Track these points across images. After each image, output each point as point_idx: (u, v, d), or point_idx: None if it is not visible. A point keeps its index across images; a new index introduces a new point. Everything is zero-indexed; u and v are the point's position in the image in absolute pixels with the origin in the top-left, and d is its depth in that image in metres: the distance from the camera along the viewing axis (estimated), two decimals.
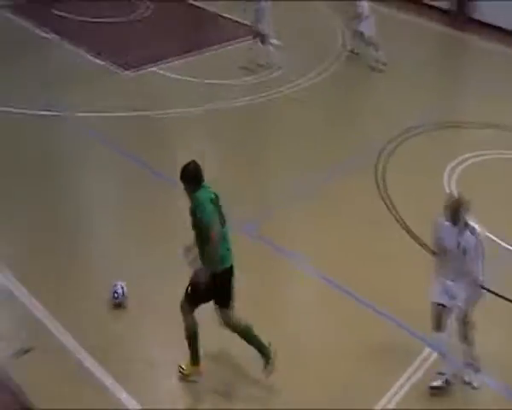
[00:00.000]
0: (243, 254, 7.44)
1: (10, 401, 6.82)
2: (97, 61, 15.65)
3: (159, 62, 15.57)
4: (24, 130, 12.53)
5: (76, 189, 10.98)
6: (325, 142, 12.84)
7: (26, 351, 7.51)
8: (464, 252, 6.85)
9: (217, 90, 14.56)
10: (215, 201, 6.88)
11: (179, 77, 15.02)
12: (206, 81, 14.81)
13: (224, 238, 6.90)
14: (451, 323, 7.13)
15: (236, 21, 18.57)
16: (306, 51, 16.86)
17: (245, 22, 18.13)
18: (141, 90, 14.41)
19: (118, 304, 8.31)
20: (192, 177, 6.86)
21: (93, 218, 10.36)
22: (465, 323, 7.13)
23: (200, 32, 18.94)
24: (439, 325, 7.10)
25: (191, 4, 20.08)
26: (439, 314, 7.07)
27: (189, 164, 6.93)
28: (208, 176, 6.96)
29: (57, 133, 12.62)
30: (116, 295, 8.28)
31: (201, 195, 6.81)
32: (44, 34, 16.82)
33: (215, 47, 16.85)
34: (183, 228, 7.68)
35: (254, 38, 15.46)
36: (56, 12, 18.35)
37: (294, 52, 16.63)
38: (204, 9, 19.74)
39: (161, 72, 15.23)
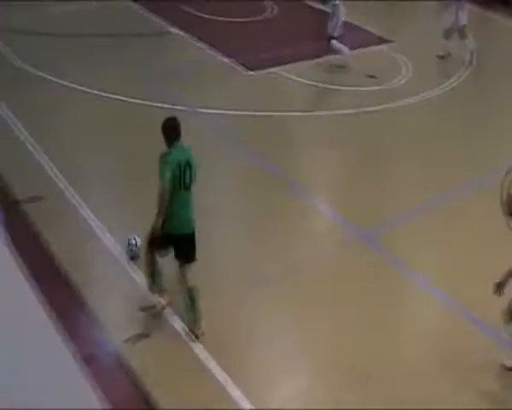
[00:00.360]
0: (359, 260, 7.27)
1: (127, 387, 6.89)
2: (223, 59, 15.78)
3: (283, 64, 15.54)
4: (150, 124, 12.67)
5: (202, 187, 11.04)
6: (451, 157, 12.44)
7: (142, 336, 7.61)
8: None
9: (340, 95, 14.45)
10: (183, 163, 7.34)
11: (303, 80, 14.96)
12: (331, 86, 14.69)
13: (184, 205, 7.41)
14: None
15: (364, 29, 18.38)
16: (435, 62, 16.48)
17: (371, 30, 18.04)
18: (264, 91, 14.44)
19: (132, 256, 8.80)
20: (166, 130, 7.50)
21: (219, 220, 10.35)
22: None
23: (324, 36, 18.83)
24: None
25: (318, 8, 19.96)
26: None
27: (169, 118, 7.62)
28: (331, 180, 6.82)
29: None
30: (131, 247, 8.81)
31: (171, 155, 7.41)
32: (170, 29, 17.05)
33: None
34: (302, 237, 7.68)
35: None
36: (184, 8, 18.63)
37: (423, 62, 16.33)
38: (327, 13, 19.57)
39: (285, 74, 15.19)
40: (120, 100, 13.38)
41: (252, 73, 15.16)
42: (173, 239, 7.49)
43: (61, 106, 13.20)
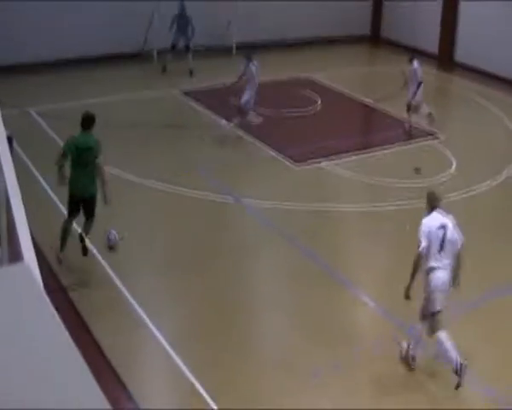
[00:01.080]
0: None
1: None
2: (271, 152, 16.04)
3: (328, 157, 15.76)
4: (194, 212, 12.92)
5: (243, 277, 11.14)
6: (496, 252, 12.37)
7: None
8: None
9: (385, 190, 14.51)
10: (82, 146, 10.49)
11: (348, 173, 15.10)
12: (375, 180, 14.79)
13: (82, 176, 10.49)
14: None
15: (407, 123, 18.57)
16: (480, 156, 16.53)
17: (419, 124, 18.23)
18: (311, 184, 14.63)
19: (111, 247, 11.16)
20: (81, 120, 10.63)
21: (269, 313, 10.39)
22: None
23: (369, 130, 19.13)
24: None
25: (361, 102, 20.30)
26: None
27: (85, 112, 10.88)
28: (379, 274, 6.81)
29: (226, 219, 12.92)
30: (109, 241, 11.13)
31: (73, 138, 10.71)
32: (220, 122, 17.41)
33: (385, 146, 16.85)
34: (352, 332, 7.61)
35: None
36: (233, 101, 19.04)
37: (468, 156, 16.40)
38: (373, 108, 19.92)
39: (330, 167, 15.37)
40: (171, 190, 13.64)
41: (299, 166, 15.36)
42: (77, 200, 10.65)
43: (111, 194, 13.46)
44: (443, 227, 8.76)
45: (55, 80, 20.00)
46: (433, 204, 9.06)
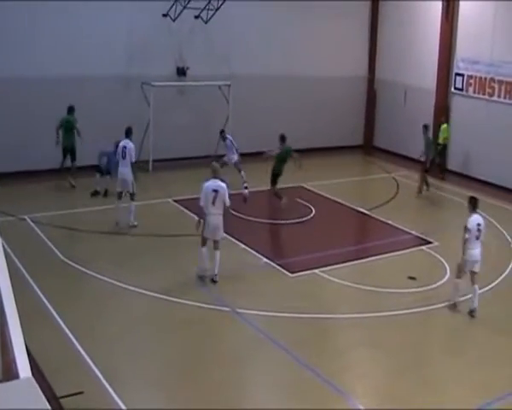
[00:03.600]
0: None
1: None
2: (265, 260, 16.06)
3: (322, 266, 15.78)
4: (188, 322, 12.79)
5: (237, 388, 10.97)
6: (496, 356, 12.30)
7: None
8: None
9: (379, 297, 14.47)
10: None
11: (343, 281, 15.09)
12: (370, 288, 14.77)
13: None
14: None
15: (402, 230, 18.76)
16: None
17: (412, 232, 18.39)
18: (305, 293, 14.52)
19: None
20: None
21: None
22: None
23: (364, 237, 19.24)
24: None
25: (354, 210, 20.49)
26: None
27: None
28: (375, 384, 6.71)
29: (221, 329, 12.79)
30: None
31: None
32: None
33: (380, 254, 16.93)
34: None
35: None
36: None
37: None
38: (367, 216, 20.11)
39: (324, 275, 15.37)
40: (163, 299, 13.58)
41: (294, 274, 15.35)
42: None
43: (105, 303, 13.48)
44: (478, 224, 13.67)
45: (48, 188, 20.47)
46: (474, 206, 13.80)
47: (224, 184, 14.37)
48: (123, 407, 9.93)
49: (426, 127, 22.79)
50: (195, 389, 10.64)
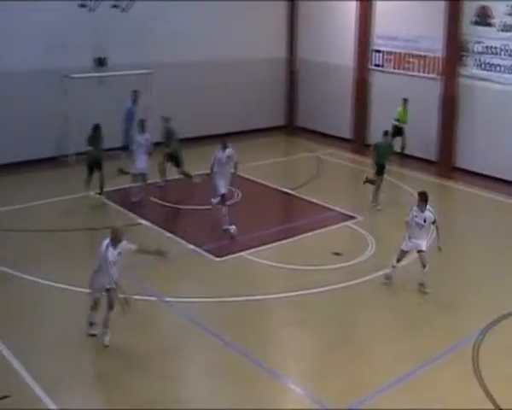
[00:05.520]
0: None
1: None
2: (191, 247, 16.07)
3: (249, 248, 15.90)
4: (116, 314, 12.69)
5: (168, 376, 10.97)
6: (418, 327, 12.60)
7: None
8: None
9: (306, 275, 14.64)
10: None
11: (269, 263, 15.23)
12: (296, 267, 14.93)
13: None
14: None
15: (327, 207, 19.03)
16: (397, 235, 16.90)
17: (336, 208, 18.67)
18: (232, 276, 14.61)
19: None
20: None
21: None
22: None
23: (289, 217, 19.42)
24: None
25: (279, 191, 20.64)
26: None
27: None
28: (306, 361, 6.82)
29: (150, 318, 12.73)
30: None
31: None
32: (140, 221, 17.41)
33: (305, 233, 17.12)
34: None
35: None
36: (152, 199, 19.20)
37: (385, 236, 16.85)
38: (292, 196, 20.29)
39: (251, 257, 15.48)
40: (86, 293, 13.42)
41: (220, 258, 15.41)
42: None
43: (33, 303, 13.26)
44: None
45: None
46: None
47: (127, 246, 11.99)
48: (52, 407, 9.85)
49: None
50: (125, 381, 10.61)
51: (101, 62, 23.35)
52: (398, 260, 14.11)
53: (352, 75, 26.45)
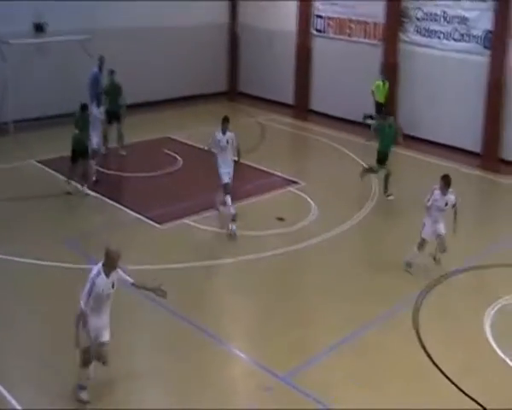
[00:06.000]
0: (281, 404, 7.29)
1: None
2: (133, 214, 16.00)
3: (191, 214, 15.89)
4: (64, 287, 12.54)
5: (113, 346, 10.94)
6: (358, 292, 12.83)
7: None
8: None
9: (248, 241, 14.74)
10: None
11: (212, 229, 15.28)
12: (239, 232, 14.97)
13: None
14: None
15: (270, 173, 19.16)
16: (339, 200, 17.16)
17: (279, 174, 18.78)
18: (174, 243, 14.61)
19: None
20: None
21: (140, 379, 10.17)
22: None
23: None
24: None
25: None
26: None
27: None
28: (247, 325, 6.90)
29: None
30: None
31: None
32: (81, 188, 17.20)
33: (248, 199, 17.21)
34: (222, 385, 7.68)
35: None
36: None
37: (327, 201, 17.04)
38: (235, 161, 20.20)
39: (194, 224, 15.48)
40: (31, 263, 13.29)
41: (162, 226, 15.38)
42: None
43: None
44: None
45: None
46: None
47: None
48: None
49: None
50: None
51: (39, 28, 22.83)
52: (420, 249, 13.26)
53: (295, 41, 26.41)
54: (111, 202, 16.70)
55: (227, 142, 15.51)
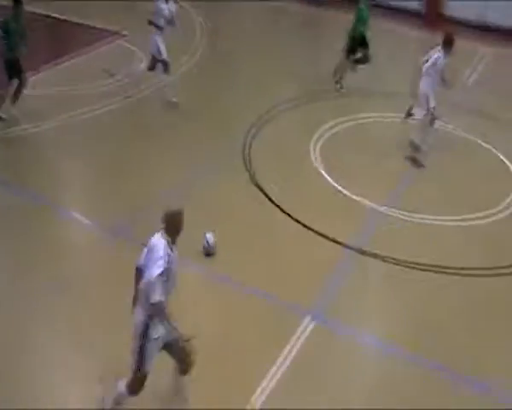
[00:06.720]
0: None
1: None
2: None
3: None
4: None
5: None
6: (195, 135, 12.93)
7: None
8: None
9: (75, 98, 14.23)
10: None
11: (34, 91, 14.27)
12: (64, 90, 14.49)
13: None
14: None
15: (89, 26, 18.40)
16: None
17: (106, 27, 18.00)
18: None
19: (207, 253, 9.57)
20: None
21: None
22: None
23: (55, 42, 18.54)
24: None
25: (38, 14, 19.17)
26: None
27: None
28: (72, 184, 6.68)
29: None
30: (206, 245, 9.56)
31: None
32: None
33: (71, 55, 16.47)
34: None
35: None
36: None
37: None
38: (52, 17, 19.21)
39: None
40: None
41: None
42: None
43: None
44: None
45: None
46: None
47: None
48: None
49: None
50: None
51: None
52: (431, 124, 12.38)
53: None
54: None
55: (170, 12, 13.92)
